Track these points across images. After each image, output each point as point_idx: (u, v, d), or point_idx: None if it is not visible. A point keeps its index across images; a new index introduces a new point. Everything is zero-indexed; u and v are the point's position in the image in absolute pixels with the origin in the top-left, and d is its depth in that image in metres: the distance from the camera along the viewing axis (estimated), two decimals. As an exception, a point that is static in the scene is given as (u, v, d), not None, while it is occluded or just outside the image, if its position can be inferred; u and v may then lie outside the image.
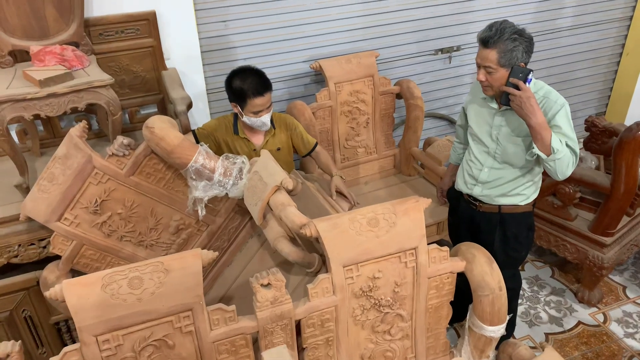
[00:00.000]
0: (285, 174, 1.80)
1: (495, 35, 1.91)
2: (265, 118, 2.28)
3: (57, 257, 2.06)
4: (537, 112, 1.90)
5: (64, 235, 1.99)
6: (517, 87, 1.92)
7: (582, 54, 4.07)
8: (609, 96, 4.43)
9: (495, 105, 2.12)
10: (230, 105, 2.30)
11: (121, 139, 1.96)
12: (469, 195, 2.31)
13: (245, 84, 2.21)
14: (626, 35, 4.15)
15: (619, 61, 4.26)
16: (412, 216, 1.71)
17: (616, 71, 4.31)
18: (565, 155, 1.94)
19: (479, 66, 2.00)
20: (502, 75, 1.97)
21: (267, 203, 1.81)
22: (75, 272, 2.09)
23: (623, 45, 4.19)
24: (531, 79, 1.99)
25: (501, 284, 1.76)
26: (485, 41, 1.94)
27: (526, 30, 1.98)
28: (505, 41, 1.90)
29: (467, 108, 2.28)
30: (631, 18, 4.08)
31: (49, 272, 2.06)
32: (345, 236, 1.64)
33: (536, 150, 1.94)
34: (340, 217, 1.67)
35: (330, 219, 1.67)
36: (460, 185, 2.35)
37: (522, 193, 2.19)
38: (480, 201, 2.27)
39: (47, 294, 1.44)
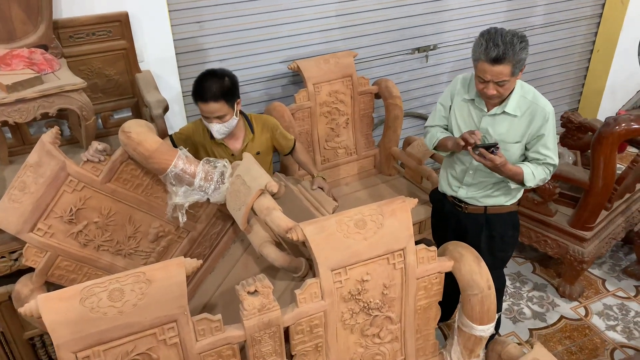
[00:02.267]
0: (269, 177, 1.76)
1: (508, 51, 1.86)
2: (213, 127, 2.18)
3: (30, 270, 1.97)
4: (509, 170, 2.01)
5: (38, 246, 1.91)
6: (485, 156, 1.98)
7: (554, 52, 4.13)
8: (581, 92, 4.51)
9: (484, 107, 2.10)
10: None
11: (96, 145, 1.89)
12: (454, 197, 2.29)
13: (196, 86, 2.15)
14: (596, 33, 4.23)
15: (590, 58, 4.35)
16: (399, 216, 1.68)
17: (587, 68, 4.39)
18: (539, 179, 2.07)
19: (485, 81, 1.95)
20: (512, 83, 1.97)
21: (252, 207, 1.76)
22: (50, 285, 2.00)
23: (593, 42, 4.28)
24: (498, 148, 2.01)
25: (490, 283, 1.75)
26: (497, 59, 1.87)
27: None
28: (518, 52, 1.87)
29: (452, 105, 2.23)
30: (600, 15, 4.16)
31: (22, 286, 1.96)
32: (333, 239, 1.61)
33: (512, 183, 2.10)
34: (327, 220, 1.63)
35: (317, 222, 1.63)
36: (444, 187, 2.33)
37: (508, 193, 2.19)
38: (465, 202, 2.25)
39: (21, 310, 1.37)
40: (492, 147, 1.97)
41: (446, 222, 2.37)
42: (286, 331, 1.63)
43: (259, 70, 3.10)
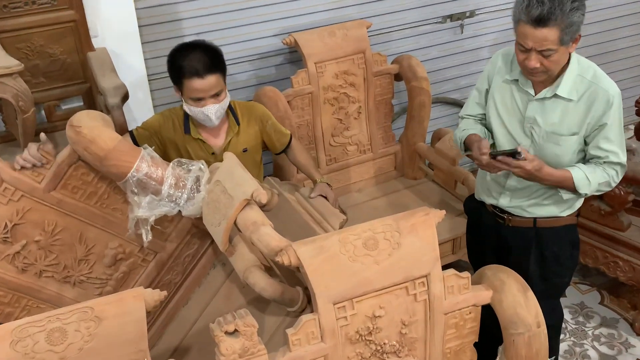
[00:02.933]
0: (256, 184, 1.76)
1: (556, 9, 1.85)
2: (209, 110, 2.21)
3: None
4: (550, 175, 2.03)
5: (-37, 273, 1.93)
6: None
7: (627, 18, 4.11)
8: (662, 71, 4.48)
9: (531, 90, 2.09)
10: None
11: (35, 145, 1.89)
12: (494, 207, 2.28)
13: (185, 60, 2.17)
14: (682, -7, 4.20)
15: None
16: (421, 234, 1.67)
17: (671, 38, 4.36)
18: (599, 184, 2.06)
19: (527, 50, 1.94)
20: (562, 55, 1.95)
21: (235, 222, 1.76)
22: (-21, 322, 2.01)
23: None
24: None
25: (539, 319, 1.74)
26: (540, 20, 1.87)
27: None
28: (568, 13, 1.86)
29: (490, 89, 2.23)
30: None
31: (-55, 324, 1.98)
32: (335, 263, 1.60)
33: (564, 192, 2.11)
34: (327, 239, 1.63)
35: (315, 241, 1.63)
36: (482, 194, 2.32)
37: (564, 201, 2.17)
38: (509, 213, 2.25)
39: (-63, 356, 1.37)
40: (513, 154, 1.99)
41: (484, 238, 2.37)
42: (276, 383, 1.62)
43: (245, 46, 3.13)
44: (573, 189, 2.06)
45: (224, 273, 2.20)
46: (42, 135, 1.92)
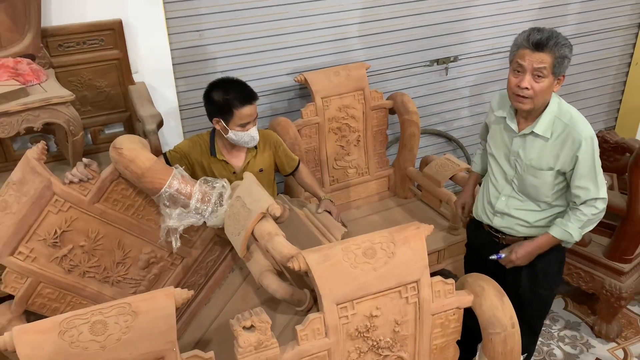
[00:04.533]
0: (271, 199, 1.76)
1: (551, 39, 1.89)
2: (254, 132, 2.27)
3: (9, 297, 1.98)
4: (538, 248, 2.12)
5: (18, 271, 1.92)
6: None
7: (588, 64, 4.13)
8: (618, 109, 4.48)
9: (514, 127, 2.08)
10: (205, 123, 2.27)
11: (82, 164, 1.90)
12: (490, 226, 2.26)
13: (230, 94, 2.20)
14: (634, 44, 4.23)
15: (628, 72, 4.33)
16: (412, 245, 1.67)
17: (625, 82, 4.38)
18: (583, 227, 2.07)
19: (520, 71, 1.93)
20: (548, 86, 1.94)
21: (252, 232, 1.76)
22: (30, 314, 2.00)
23: (631, 55, 4.27)
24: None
25: (514, 320, 1.72)
26: (539, 44, 1.88)
27: None
28: (562, 47, 1.90)
29: (488, 120, 2.26)
30: (639, 25, 4.16)
31: (0, 315, 1.97)
32: (339, 269, 1.59)
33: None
34: (332, 248, 1.62)
35: (321, 249, 1.62)
36: (480, 213, 2.30)
37: (548, 225, 2.14)
38: (502, 232, 2.22)
39: (-6, 343, 1.37)
40: (499, 257, 2.17)
41: (480, 255, 2.31)
42: (286, 371, 1.61)
43: (263, 83, 3.12)
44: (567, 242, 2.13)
45: (241, 276, 2.19)
46: (79, 162, 1.92)
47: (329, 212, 2.47)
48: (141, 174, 1.86)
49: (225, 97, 2.19)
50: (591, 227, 2.11)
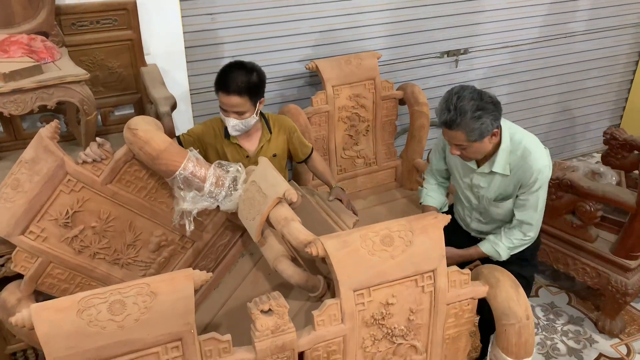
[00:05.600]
0: (288, 185, 1.75)
1: (457, 118, 1.95)
2: (230, 122, 2.21)
3: (18, 277, 1.96)
4: (457, 260, 2.22)
5: (29, 251, 1.90)
6: None
7: (596, 61, 4.13)
8: (624, 107, 4.49)
9: (474, 165, 2.18)
10: (215, 108, 2.26)
11: (96, 144, 1.88)
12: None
13: (222, 75, 2.18)
14: (643, 42, 4.22)
15: (635, 70, 4.33)
16: (430, 234, 1.66)
17: (632, 80, 4.38)
18: (510, 247, 2.19)
19: (449, 142, 2.07)
20: (479, 147, 2.04)
21: (267, 217, 1.75)
22: (39, 294, 1.99)
23: (639, 53, 4.26)
24: None
25: (528, 312, 1.72)
26: (448, 124, 1.99)
27: (487, 93, 2.01)
28: (469, 121, 1.95)
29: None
30: (648, 23, 4.16)
31: (9, 294, 1.95)
32: (357, 256, 1.59)
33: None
34: (350, 235, 1.62)
35: (339, 236, 1.62)
36: (459, 220, 2.44)
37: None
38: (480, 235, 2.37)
39: (12, 319, 1.35)
40: None
41: (459, 242, 2.36)
42: (300, 357, 1.60)
43: (274, 69, 3.10)
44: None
45: (251, 262, 2.17)
46: (98, 139, 1.90)
47: (340, 200, 2.46)
48: (156, 155, 1.84)
49: (219, 76, 2.19)
50: (519, 250, 2.22)
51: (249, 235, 1.94)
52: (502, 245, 2.18)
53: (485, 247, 2.22)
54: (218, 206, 1.96)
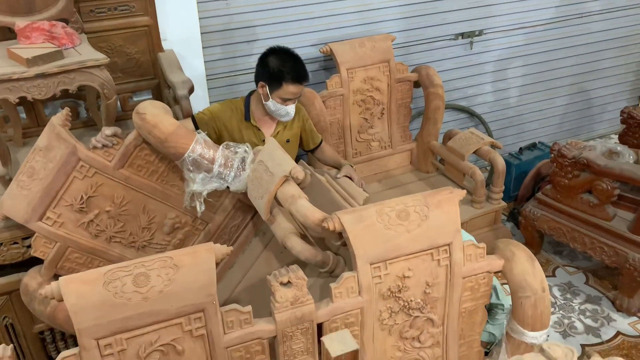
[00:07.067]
0: (294, 163, 1.79)
1: None
2: (291, 108, 2.30)
3: (41, 261, 2.02)
4: None
5: (46, 236, 1.96)
6: None
7: (612, 41, 4.09)
8: (641, 87, 4.45)
9: None
10: (231, 94, 2.29)
11: (107, 129, 1.93)
12: None
13: (286, 67, 2.24)
14: (661, 21, 4.17)
15: (654, 49, 4.28)
16: (445, 209, 1.69)
17: (650, 60, 4.33)
18: None
19: None
20: None
21: (275, 196, 1.79)
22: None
23: (658, 32, 4.21)
24: None
25: (544, 285, 1.74)
26: None
27: None
28: None
29: None
30: (666, 2, 4.10)
31: (31, 279, 2.02)
32: (373, 230, 1.62)
33: None
34: (366, 209, 1.65)
35: (356, 211, 1.65)
36: None
37: None
38: None
39: (42, 291, 1.41)
40: None
41: None
42: (319, 329, 1.64)
43: None
44: None
45: (263, 241, 2.21)
46: (104, 128, 1.95)
47: (350, 178, 2.48)
48: (164, 138, 1.89)
49: (281, 67, 2.23)
50: None
51: (260, 215, 1.97)
52: None
53: None
54: (228, 187, 2.00)
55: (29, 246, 2.14)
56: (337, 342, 1.55)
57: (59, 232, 1.98)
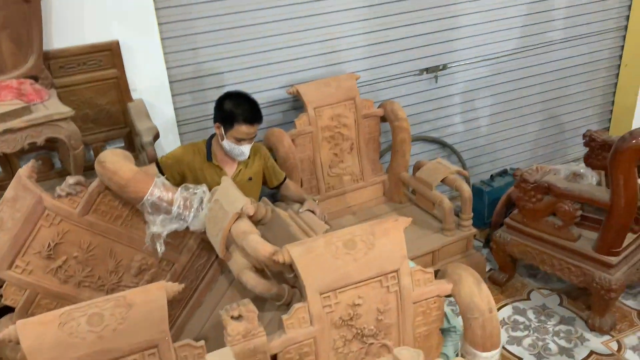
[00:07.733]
0: (246, 200, 1.87)
1: None
2: (245, 148, 2.41)
3: (10, 310, 2.07)
4: None
5: (16, 284, 2.03)
6: None
7: (577, 68, 4.21)
8: (611, 110, 4.55)
9: None
10: (202, 137, 2.39)
11: (71, 178, 2.03)
12: None
13: (239, 109, 2.36)
14: (622, 46, 4.31)
15: (618, 73, 4.41)
16: (391, 236, 1.76)
17: (616, 84, 4.45)
18: None
19: None
20: None
21: (230, 232, 1.86)
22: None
23: (620, 57, 4.35)
24: None
25: (491, 305, 1.80)
26: None
27: None
28: None
29: None
30: (626, 28, 4.25)
31: (2, 327, 2.04)
32: (321, 260, 1.69)
33: None
34: (314, 241, 1.72)
35: (304, 243, 1.73)
36: None
37: None
38: None
39: (0, 335, 1.47)
40: None
41: None
42: (274, 360, 1.69)
43: (257, 96, 3.08)
44: None
45: (229, 279, 2.26)
46: (68, 177, 2.05)
47: (312, 212, 2.57)
48: (124, 184, 1.99)
49: (233, 110, 2.36)
50: None
51: (225, 254, 2.04)
52: None
53: None
54: (188, 227, 2.07)
55: (1, 295, 2.21)
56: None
57: (29, 280, 2.04)
